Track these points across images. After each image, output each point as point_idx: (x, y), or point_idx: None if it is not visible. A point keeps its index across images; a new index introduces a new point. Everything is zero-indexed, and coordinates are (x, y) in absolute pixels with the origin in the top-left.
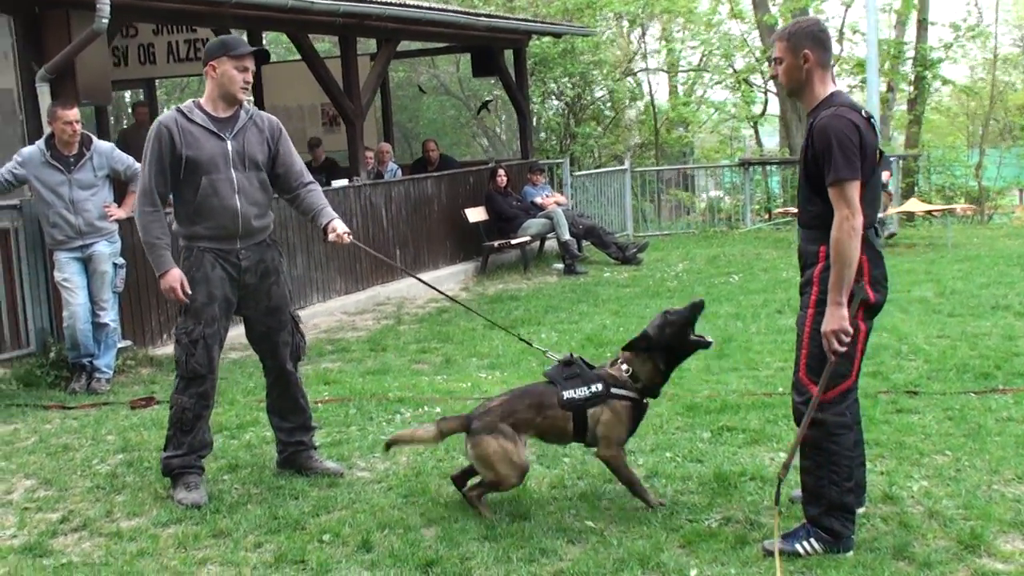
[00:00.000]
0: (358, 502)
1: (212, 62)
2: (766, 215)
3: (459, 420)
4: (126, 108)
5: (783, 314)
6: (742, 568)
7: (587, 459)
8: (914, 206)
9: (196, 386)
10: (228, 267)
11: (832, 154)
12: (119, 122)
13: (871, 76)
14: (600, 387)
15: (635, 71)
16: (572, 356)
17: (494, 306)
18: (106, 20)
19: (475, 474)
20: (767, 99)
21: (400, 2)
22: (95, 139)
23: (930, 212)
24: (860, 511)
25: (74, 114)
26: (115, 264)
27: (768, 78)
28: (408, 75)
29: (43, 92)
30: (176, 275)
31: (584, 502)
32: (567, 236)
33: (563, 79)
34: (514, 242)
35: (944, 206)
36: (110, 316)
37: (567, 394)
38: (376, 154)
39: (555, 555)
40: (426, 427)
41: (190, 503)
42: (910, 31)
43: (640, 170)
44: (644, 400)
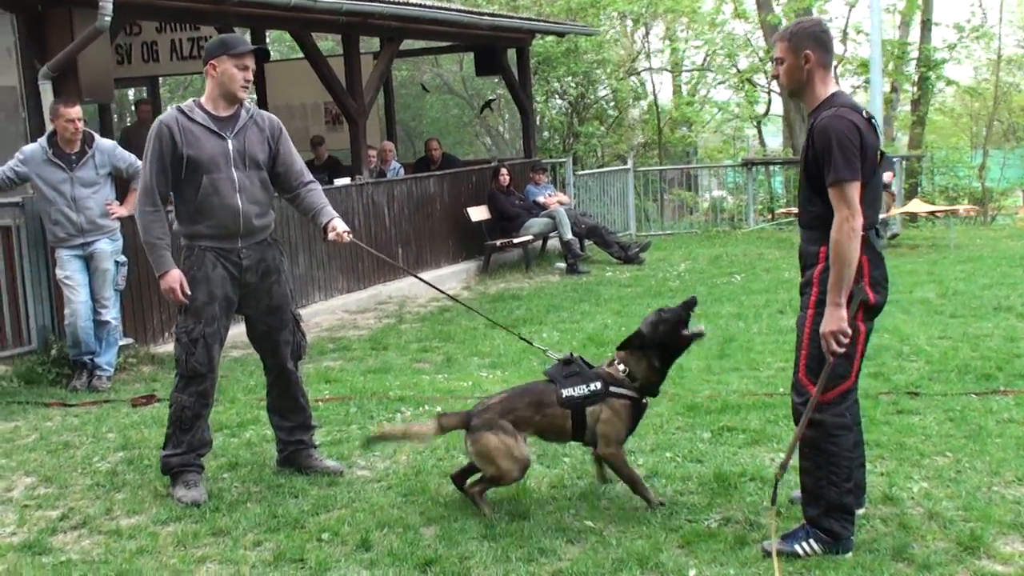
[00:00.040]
0: (357, 501)
1: (212, 61)
2: (769, 215)
3: (459, 416)
4: (130, 106)
5: (785, 314)
6: (741, 569)
7: (587, 459)
8: (917, 207)
9: (196, 385)
10: (229, 266)
11: (832, 155)
12: (123, 120)
13: (875, 76)
14: (599, 385)
15: (638, 70)
16: (572, 355)
17: (496, 305)
18: (108, 18)
19: (474, 472)
20: (770, 99)
21: (403, 1)
22: (97, 137)
23: (933, 213)
24: (860, 512)
25: (76, 112)
26: (117, 262)
27: (770, 78)
28: (411, 74)
29: (45, 90)
30: (176, 276)
31: (583, 502)
32: (569, 235)
33: (566, 78)
34: (516, 241)
35: (947, 207)
36: (111, 314)
37: (566, 392)
38: (379, 153)
39: (554, 555)
40: (425, 423)
41: (189, 501)
42: (914, 31)
43: (643, 170)
44: (643, 399)
